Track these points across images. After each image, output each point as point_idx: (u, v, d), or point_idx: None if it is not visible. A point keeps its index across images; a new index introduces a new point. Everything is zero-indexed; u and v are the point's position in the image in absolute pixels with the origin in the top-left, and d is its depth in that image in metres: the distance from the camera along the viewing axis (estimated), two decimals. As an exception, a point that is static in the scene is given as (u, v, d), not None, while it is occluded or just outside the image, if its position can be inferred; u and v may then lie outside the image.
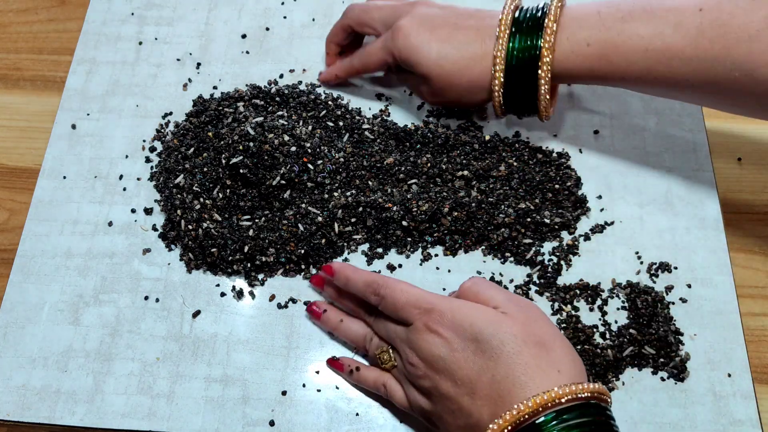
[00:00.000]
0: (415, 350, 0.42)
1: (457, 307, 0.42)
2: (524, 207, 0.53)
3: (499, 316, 0.40)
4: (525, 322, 0.40)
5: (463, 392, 0.39)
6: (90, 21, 0.65)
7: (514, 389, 0.37)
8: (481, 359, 0.39)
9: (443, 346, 0.40)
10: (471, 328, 0.40)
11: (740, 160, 0.58)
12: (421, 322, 0.42)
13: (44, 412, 0.48)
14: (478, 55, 0.51)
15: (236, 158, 0.52)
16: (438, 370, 0.40)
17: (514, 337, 0.39)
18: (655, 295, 0.51)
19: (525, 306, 0.42)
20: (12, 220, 0.57)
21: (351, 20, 0.57)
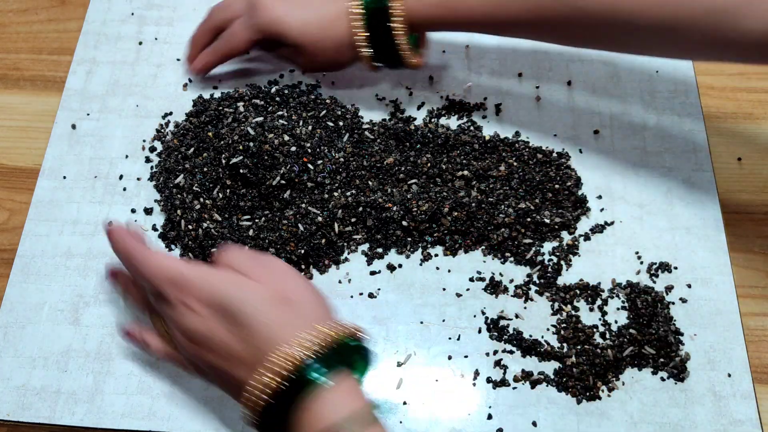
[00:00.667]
0: (173, 323, 0.42)
1: (205, 276, 0.41)
2: (524, 207, 0.53)
3: (242, 280, 0.41)
4: (268, 282, 0.41)
5: (224, 360, 0.40)
6: (90, 21, 0.65)
7: (266, 346, 0.38)
8: (232, 325, 0.39)
9: (196, 318, 0.40)
10: (218, 296, 0.40)
11: (740, 160, 0.58)
12: (173, 295, 0.41)
13: (44, 412, 0.48)
14: (338, 15, 0.53)
15: (236, 158, 0.52)
16: (199, 343, 0.41)
17: (263, 300, 0.40)
18: (655, 295, 0.51)
19: (268, 265, 0.43)
20: (12, 220, 0.57)
21: (216, 21, 0.58)
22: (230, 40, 0.57)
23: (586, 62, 0.61)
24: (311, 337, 0.38)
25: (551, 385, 0.48)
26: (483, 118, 0.59)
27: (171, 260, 0.43)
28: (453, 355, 0.50)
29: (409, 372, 0.49)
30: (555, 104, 0.59)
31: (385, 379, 0.49)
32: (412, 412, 0.48)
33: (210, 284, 0.41)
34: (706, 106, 0.59)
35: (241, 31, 0.56)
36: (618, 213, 0.54)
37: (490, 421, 0.47)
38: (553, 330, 0.50)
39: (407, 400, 0.48)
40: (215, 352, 0.40)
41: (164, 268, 0.42)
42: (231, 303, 0.40)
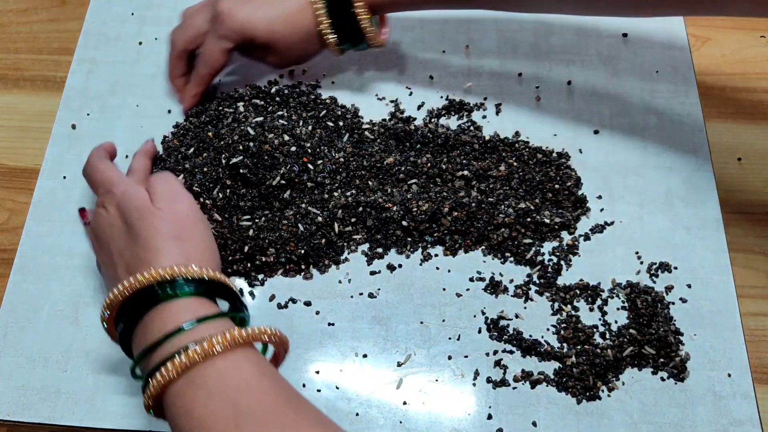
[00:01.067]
0: (93, 221, 0.48)
1: (127, 192, 0.47)
2: (524, 207, 0.53)
3: (152, 210, 0.46)
4: (170, 218, 0.45)
5: (114, 260, 0.45)
6: (90, 21, 0.65)
7: (143, 265, 0.43)
8: (129, 239, 0.45)
9: (107, 222, 0.46)
10: (128, 213, 0.45)
11: (740, 160, 0.58)
12: (100, 199, 0.48)
13: (44, 412, 0.48)
14: (299, 7, 0.54)
15: (236, 158, 0.52)
16: (100, 240, 0.47)
17: (156, 229, 0.44)
18: (655, 295, 0.51)
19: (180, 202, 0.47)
20: (12, 220, 0.57)
21: (181, 44, 0.58)
22: (207, 61, 0.56)
23: (586, 62, 0.61)
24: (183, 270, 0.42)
25: (551, 385, 0.48)
26: (483, 118, 0.59)
27: (110, 171, 0.50)
28: (453, 355, 0.50)
29: (409, 372, 0.49)
30: (555, 104, 0.59)
31: (385, 379, 0.49)
32: (412, 412, 0.48)
33: (128, 201, 0.46)
34: (706, 106, 0.59)
35: (214, 46, 0.55)
36: (618, 213, 0.54)
37: (490, 421, 0.47)
38: (553, 330, 0.50)
39: (407, 400, 0.48)
40: (109, 251, 0.46)
41: (102, 175, 0.49)
42: (132, 220, 0.45)
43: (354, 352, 0.50)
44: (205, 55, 0.56)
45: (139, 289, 0.41)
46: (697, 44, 0.63)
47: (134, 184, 0.48)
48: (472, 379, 0.49)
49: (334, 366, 0.49)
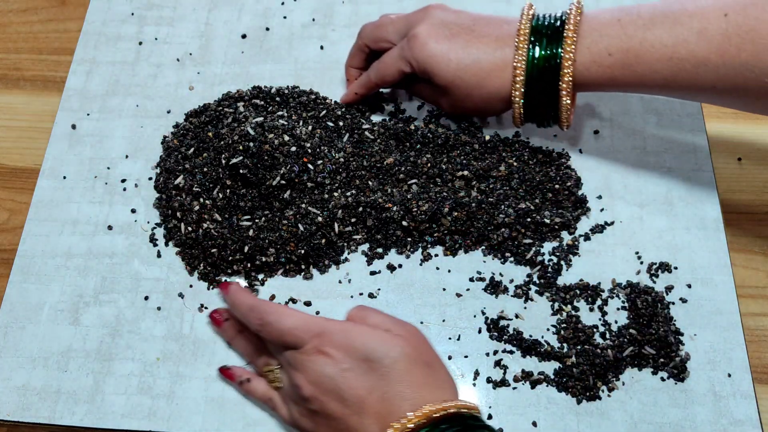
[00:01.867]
0: (302, 371, 0.42)
1: (349, 328, 0.42)
2: (524, 207, 0.53)
3: (392, 336, 0.41)
4: (415, 344, 0.42)
5: (352, 412, 0.40)
6: (90, 21, 0.65)
7: (404, 404, 0.39)
8: (373, 378, 0.40)
9: (333, 366, 0.41)
10: (363, 347, 0.41)
11: (740, 160, 0.58)
12: (311, 344, 0.42)
13: (44, 412, 0.48)
14: (498, 65, 0.50)
15: (236, 158, 0.52)
16: (326, 390, 0.41)
17: (406, 356, 0.40)
18: (655, 295, 0.51)
19: (412, 329, 0.44)
20: (12, 220, 0.57)
21: (366, 39, 0.56)
22: (382, 73, 0.54)
23: (586, 62, 0.61)
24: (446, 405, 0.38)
25: (551, 385, 0.48)
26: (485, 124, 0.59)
27: (308, 315, 0.45)
28: (453, 355, 0.50)
29: (409, 372, 0.49)
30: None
31: (385, 379, 0.49)
32: (412, 412, 0.48)
33: (356, 335, 0.41)
34: (706, 106, 0.59)
35: (394, 63, 0.53)
36: (618, 213, 0.54)
37: (490, 421, 0.47)
38: (553, 330, 0.50)
39: (407, 400, 0.48)
40: (343, 401, 0.40)
41: (303, 320, 0.43)
42: (378, 355, 0.40)
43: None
44: (380, 66, 0.54)
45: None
46: (697, 44, 0.63)
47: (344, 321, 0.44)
48: (472, 379, 0.49)
49: (334, 366, 0.49)
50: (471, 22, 0.51)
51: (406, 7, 0.64)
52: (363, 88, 0.57)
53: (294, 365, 0.43)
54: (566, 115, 0.50)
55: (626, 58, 0.47)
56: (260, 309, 0.45)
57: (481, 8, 0.63)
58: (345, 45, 0.62)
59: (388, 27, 0.54)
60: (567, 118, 0.51)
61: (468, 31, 0.51)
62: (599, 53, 0.47)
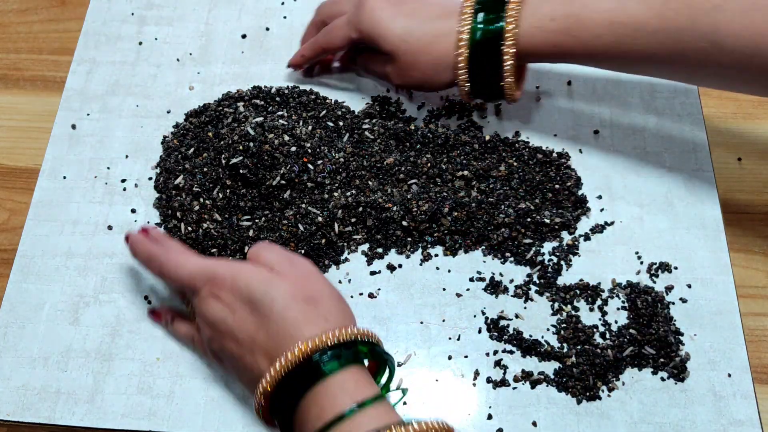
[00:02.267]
0: (201, 316, 0.44)
1: (237, 270, 0.43)
2: (524, 207, 0.53)
3: (271, 275, 0.42)
4: (295, 280, 0.42)
5: (245, 350, 0.41)
6: (90, 21, 0.65)
7: (285, 340, 0.40)
8: (257, 318, 0.41)
9: (224, 309, 0.42)
10: (246, 289, 0.42)
11: (740, 160, 0.58)
12: (206, 289, 0.43)
13: (44, 412, 0.48)
14: (443, 32, 0.50)
15: (236, 158, 0.52)
16: (222, 332, 0.42)
17: (284, 294, 0.41)
18: (655, 295, 0.51)
19: (297, 263, 0.44)
20: (12, 220, 0.57)
21: (323, 15, 0.58)
22: (329, 34, 0.56)
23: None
24: (330, 336, 0.39)
25: (551, 385, 0.48)
26: (483, 118, 0.59)
27: (202, 259, 0.45)
28: (453, 355, 0.50)
29: (409, 372, 0.49)
30: (555, 104, 0.59)
31: (385, 379, 0.49)
32: (412, 412, 0.48)
33: (240, 278, 0.42)
34: (706, 106, 0.59)
35: (342, 27, 0.55)
36: (618, 213, 0.54)
37: (490, 421, 0.47)
38: (553, 330, 0.50)
39: (407, 400, 0.48)
40: (237, 341, 0.42)
41: (197, 267, 0.44)
42: (258, 296, 0.41)
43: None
44: (329, 29, 0.56)
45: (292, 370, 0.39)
46: (697, 44, 0.63)
47: (234, 262, 0.44)
48: (472, 379, 0.49)
49: (334, 366, 0.49)
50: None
51: (406, 7, 0.64)
52: (310, 51, 0.58)
53: (197, 309, 0.44)
54: (509, 84, 0.50)
55: (568, 23, 0.47)
56: (158, 259, 0.46)
57: None
58: (345, 45, 0.62)
59: (343, 2, 0.56)
60: (510, 88, 0.50)
61: (415, 0, 0.52)
62: (542, 18, 0.48)
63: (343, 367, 0.39)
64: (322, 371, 0.38)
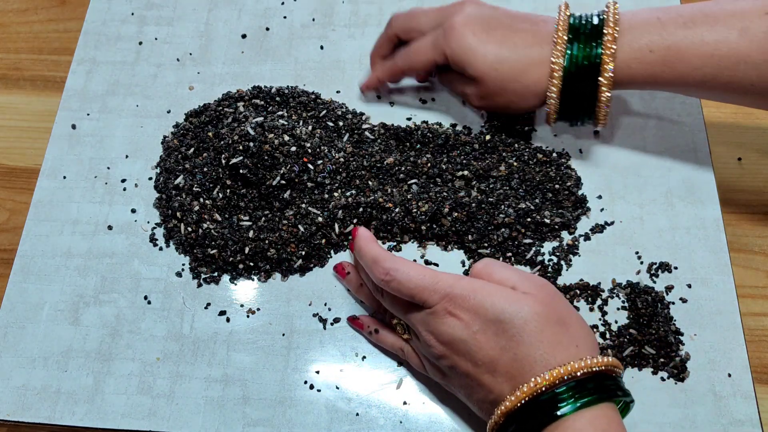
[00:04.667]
0: (433, 333, 0.42)
1: (477, 288, 0.41)
2: (524, 207, 0.53)
3: (520, 295, 0.40)
4: (544, 301, 0.40)
5: (483, 371, 0.40)
6: (90, 21, 0.65)
7: (536, 365, 0.38)
8: (503, 339, 0.39)
9: (463, 328, 0.40)
10: (492, 308, 0.40)
11: (740, 160, 0.58)
12: (440, 305, 0.41)
13: (44, 412, 0.48)
14: (535, 60, 0.49)
15: (236, 158, 0.52)
16: (458, 351, 0.41)
17: (536, 315, 0.39)
18: (655, 295, 0.51)
19: (541, 284, 0.42)
20: (12, 220, 0.57)
21: (397, 29, 0.55)
22: (412, 59, 0.53)
23: (586, 62, 0.61)
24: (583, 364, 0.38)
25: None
26: (482, 118, 0.59)
27: (429, 271, 0.43)
28: (453, 355, 0.50)
29: (409, 372, 0.49)
30: (555, 104, 0.59)
31: (385, 379, 0.49)
32: (412, 412, 0.48)
33: (484, 297, 0.41)
34: (706, 106, 0.59)
35: (426, 51, 0.52)
36: (618, 213, 0.54)
37: (490, 421, 0.47)
38: (553, 330, 0.50)
39: (407, 400, 0.48)
40: (474, 361, 0.40)
41: (427, 279, 0.42)
42: (507, 316, 0.39)
43: (354, 352, 0.50)
44: (410, 52, 0.54)
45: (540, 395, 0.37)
46: (697, 44, 0.63)
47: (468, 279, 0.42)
48: (472, 379, 0.49)
49: (334, 366, 0.49)
50: (508, 18, 0.51)
51: (405, 6, 0.64)
52: (387, 74, 0.56)
53: (424, 325, 0.43)
54: (604, 113, 0.50)
55: (668, 55, 0.47)
56: (386, 263, 0.44)
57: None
58: (345, 45, 0.62)
59: (421, 18, 0.54)
60: (605, 116, 0.50)
61: (506, 26, 0.51)
62: (640, 50, 0.47)
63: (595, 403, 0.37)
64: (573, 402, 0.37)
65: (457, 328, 0.41)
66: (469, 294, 0.41)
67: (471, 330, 0.40)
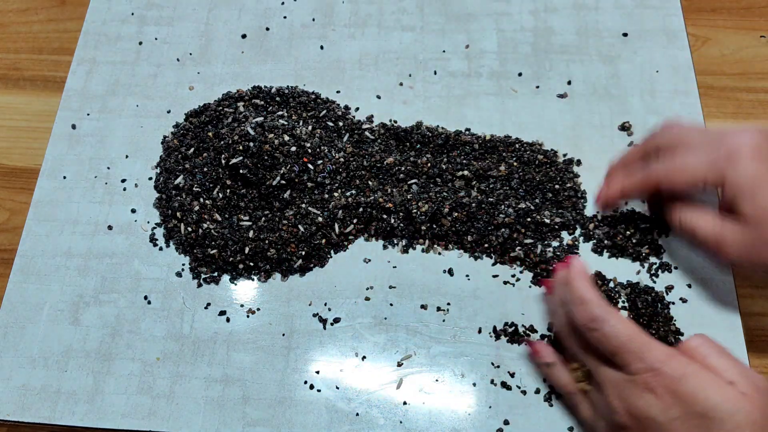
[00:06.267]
0: (623, 399, 0.39)
1: (691, 373, 0.37)
2: (524, 207, 0.53)
3: (738, 395, 0.36)
4: (762, 408, 0.36)
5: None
6: (90, 21, 0.65)
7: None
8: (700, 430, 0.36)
9: (662, 410, 0.37)
10: (704, 402, 0.36)
11: (740, 160, 0.58)
12: (643, 378, 0.38)
13: (44, 412, 0.48)
14: None
15: (236, 159, 0.52)
16: (645, 429, 0.38)
17: (752, 424, 0.35)
18: (655, 295, 0.51)
19: (759, 384, 0.37)
20: (12, 220, 0.57)
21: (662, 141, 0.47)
22: (675, 172, 0.45)
23: (586, 62, 0.61)
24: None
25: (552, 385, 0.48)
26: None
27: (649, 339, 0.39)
28: (453, 355, 0.50)
29: (409, 372, 0.49)
30: (555, 104, 0.59)
31: (385, 379, 0.49)
32: (412, 412, 0.48)
33: (696, 384, 0.37)
34: (706, 106, 0.59)
35: (698, 168, 0.44)
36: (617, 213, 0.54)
37: (490, 421, 0.47)
38: (553, 330, 0.50)
39: (407, 400, 0.48)
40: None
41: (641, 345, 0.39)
42: (714, 411, 0.36)
43: (354, 352, 0.50)
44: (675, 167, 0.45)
45: None
46: (697, 44, 0.63)
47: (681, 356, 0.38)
48: (472, 380, 0.49)
49: (334, 366, 0.49)
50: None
51: (406, 7, 0.64)
52: (637, 188, 0.48)
53: (615, 386, 0.40)
54: None
55: None
56: (595, 310, 0.40)
57: (480, 8, 0.64)
58: (345, 45, 0.62)
59: (694, 133, 0.46)
60: None
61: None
62: None
63: None
64: None
65: (654, 408, 0.37)
66: (680, 377, 0.37)
67: (669, 415, 0.37)
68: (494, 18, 0.63)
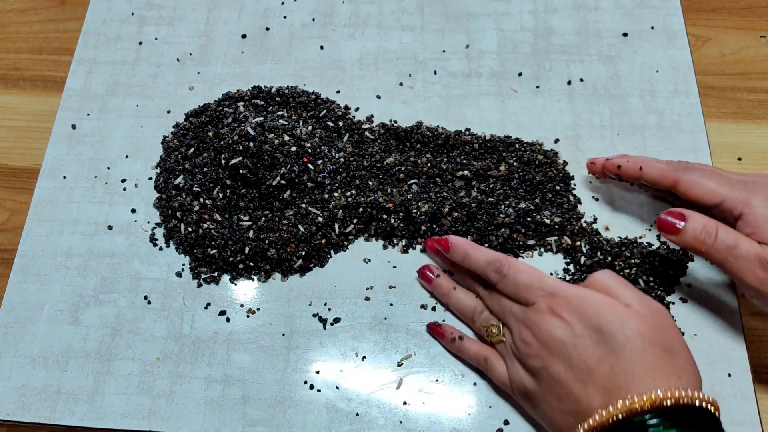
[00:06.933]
0: (532, 329, 0.42)
1: (585, 295, 0.41)
2: (524, 207, 0.53)
3: (629, 312, 0.40)
4: (655, 325, 0.39)
5: (576, 378, 0.39)
6: (90, 21, 0.65)
7: (633, 383, 0.37)
8: (602, 350, 0.39)
9: (565, 329, 0.40)
10: (597, 318, 0.39)
11: (740, 159, 0.58)
12: (544, 303, 0.42)
13: (44, 412, 0.48)
14: None
15: (236, 159, 0.52)
16: (553, 352, 0.41)
17: (641, 336, 0.38)
18: (655, 295, 0.51)
19: (656, 309, 0.41)
20: (12, 220, 0.57)
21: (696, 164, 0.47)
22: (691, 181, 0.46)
23: (586, 62, 0.61)
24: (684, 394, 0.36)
25: (551, 385, 0.48)
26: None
27: (542, 273, 0.44)
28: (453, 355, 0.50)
29: (409, 372, 0.49)
30: (555, 104, 0.59)
31: (385, 379, 0.49)
32: (412, 412, 0.48)
33: (591, 303, 0.40)
34: (706, 106, 0.59)
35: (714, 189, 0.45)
36: (618, 213, 0.54)
37: (491, 421, 0.47)
38: (553, 330, 0.50)
39: (407, 400, 0.48)
40: (570, 365, 0.40)
41: (539, 279, 0.43)
42: (610, 328, 0.39)
43: (354, 352, 0.50)
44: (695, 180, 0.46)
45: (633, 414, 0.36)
46: (697, 44, 0.63)
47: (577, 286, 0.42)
48: (472, 379, 0.49)
49: (334, 366, 0.49)
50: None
51: (406, 7, 0.64)
52: (654, 175, 0.48)
53: (524, 321, 0.43)
54: None
55: None
56: (499, 261, 0.45)
57: (480, 8, 0.64)
58: (345, 45, 0.62)
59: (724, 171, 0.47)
60: None
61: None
62: None
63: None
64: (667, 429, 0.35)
65: (558, 328, 0.41)
66: (574, 297, 0.41)
67: (572, 332, 0.40)
68: (494, 18, 0.63)
